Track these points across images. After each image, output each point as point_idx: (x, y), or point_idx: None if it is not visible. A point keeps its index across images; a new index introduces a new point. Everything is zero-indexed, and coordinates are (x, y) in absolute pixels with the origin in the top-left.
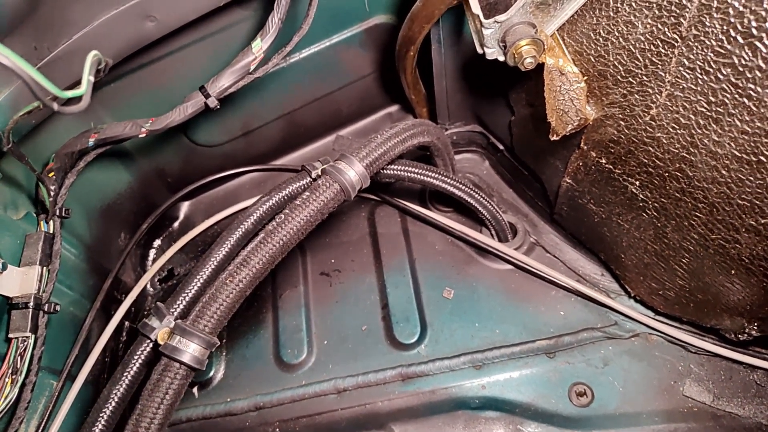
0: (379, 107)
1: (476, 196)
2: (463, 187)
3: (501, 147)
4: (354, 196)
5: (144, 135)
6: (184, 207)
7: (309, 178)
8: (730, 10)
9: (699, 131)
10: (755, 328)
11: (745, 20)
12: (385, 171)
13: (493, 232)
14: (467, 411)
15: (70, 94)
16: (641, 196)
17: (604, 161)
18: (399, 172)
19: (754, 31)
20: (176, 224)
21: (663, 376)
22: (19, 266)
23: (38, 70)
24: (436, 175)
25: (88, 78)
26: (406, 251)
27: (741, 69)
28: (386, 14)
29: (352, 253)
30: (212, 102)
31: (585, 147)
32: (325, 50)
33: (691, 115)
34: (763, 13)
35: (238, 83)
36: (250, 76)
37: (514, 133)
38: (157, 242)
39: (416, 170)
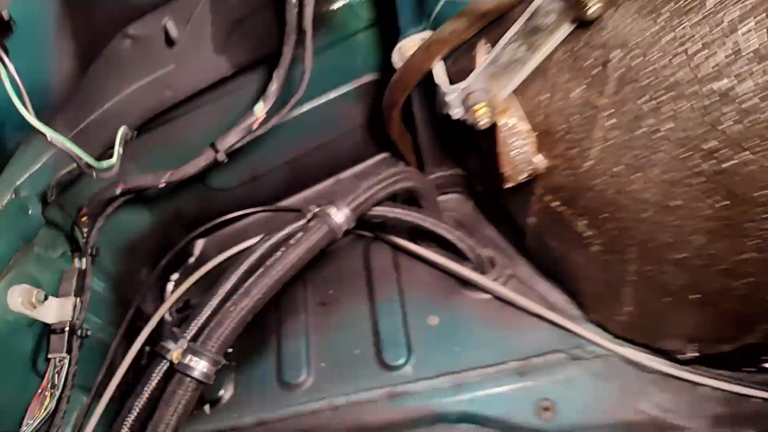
0: (376, 153)
1: (455, 232)
2: (442, 225)
3: (480, 189)
4: (341, 236)
5: (163, 185)
6: (199, 244)
7: (305, 220)
8: (638, 84)
9: (625, 180)
10: (694, 348)
11: (650, 95)
12: (371, 212)
13: (474, 265)
14: (446, 425)
15: (105, 165)
16: (587, 233)
17: (556, 204)
18: (384, 213)
19: (655, 103)
20: (192, 260)
21: (621, 392)
22: (57, 297)
23: (78, 133)
24: (417, 215)
25: (118, 150)
26: (396, 282)
27: (651, 132)
28: (376, 72)
29: (348, 285)
30: (221, 156)
31: (541, 191)
32: (324, 105)
33: (619, 167)
34: (662, 92)
35: (243, 140)
36: (253, 134)
37: (485, 178)
38: (174, 276)
39: (399, 210)
